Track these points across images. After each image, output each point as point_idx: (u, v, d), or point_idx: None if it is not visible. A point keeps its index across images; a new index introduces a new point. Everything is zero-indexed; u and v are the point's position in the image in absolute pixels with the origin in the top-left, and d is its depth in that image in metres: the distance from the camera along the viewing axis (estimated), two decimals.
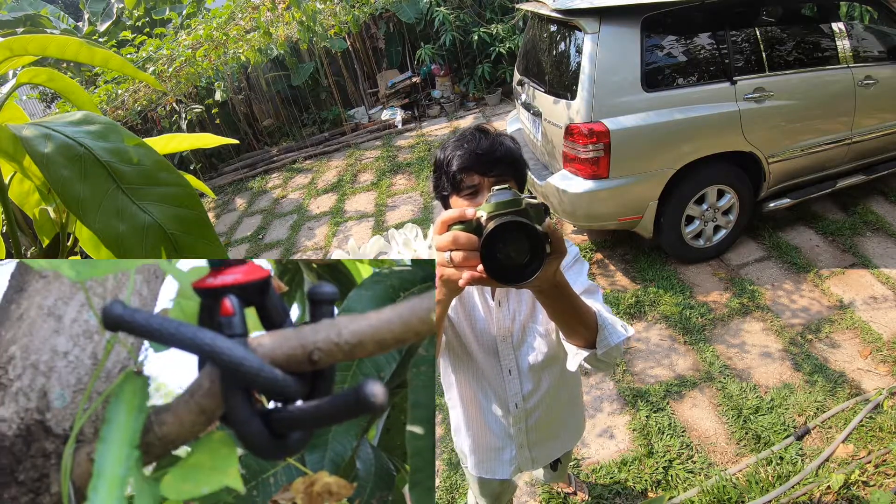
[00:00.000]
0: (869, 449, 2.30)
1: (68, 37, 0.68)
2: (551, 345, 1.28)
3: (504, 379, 1.34)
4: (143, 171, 0.54)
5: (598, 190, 3.17)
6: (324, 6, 7.20)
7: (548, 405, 1.40)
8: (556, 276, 0.85)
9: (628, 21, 3.06)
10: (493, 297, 1.27)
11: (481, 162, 1.08)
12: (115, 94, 7.38)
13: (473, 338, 1.30)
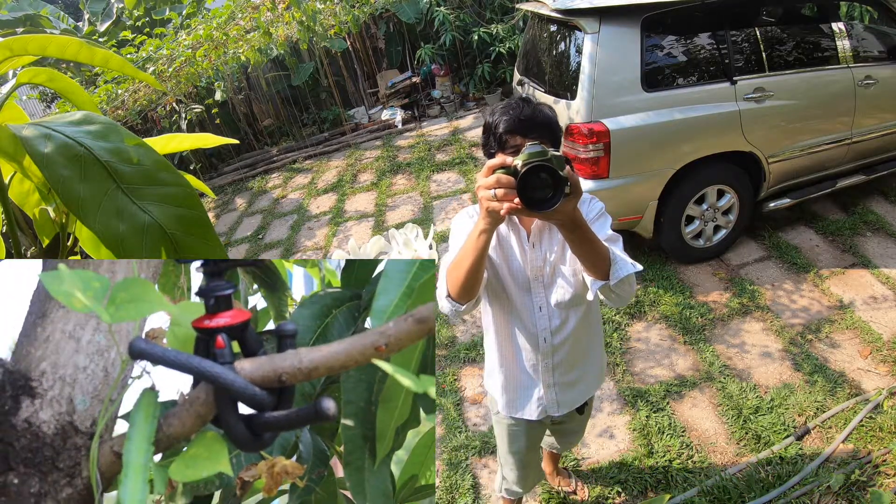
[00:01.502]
0: (869, 449, 2.30)
1: (68, 37, 0.68)
2: (577, 285, 1.46)
3: (535, 315, 1.51)
4: (143, 171, 0.54)
5: (598, 190, 3.17)
6: (324, 6, 7.20)
7: (572, 344, 1.57)
8: (574, 213, 1.10)
9: (628, 21, 3.06)
10: (528, 240, 1.45)
11: (523, 126, 1.29)
12: (115, 94, 7.38)
13: (510, 277, 1.48)
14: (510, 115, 1.30)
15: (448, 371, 3.14)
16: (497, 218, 1.12)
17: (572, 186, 1.05)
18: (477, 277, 1.26)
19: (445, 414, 2.88)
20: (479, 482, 2.52)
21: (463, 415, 2.87)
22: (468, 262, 1.23)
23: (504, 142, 1.31)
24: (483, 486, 2.50)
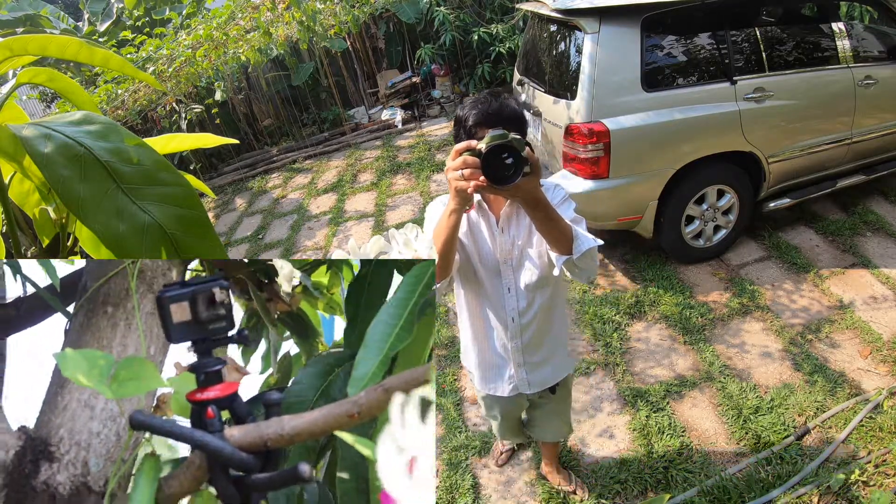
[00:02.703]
0: (869, 449, 2.30)
1: (68, 37, 0.68)
2: (543, 267, 1.56)
3: (504, 296, 1.62)
4: (143, 171, 0.54)
5: (598, 190, 3.17)
6: (324, 6, 7.20)
7: (538, 325, 1.68)
8: (536, 191, 1.23)
9: (628, 21, 3.06)
10: (497, 225, 1.54)
11: (491, 119, 1.39)
12: (115, 94, 7.38)
13: (480, 260, 1.58)
14: (479, 109, 1.41)
15: (448, 371, 3.14)
16: (465, 197, 1.25)
17: (532, 166, 1.18)
18: (450, 256, 1.39)
19: (445, 414, 2.88)
20: (479, 482, 2.52)
21: (463, 415, 2.87)
22: (441, 240, 1.34)
23: (473, 133, 1.41)
24: (483, 486, 2.50)
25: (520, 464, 2.56)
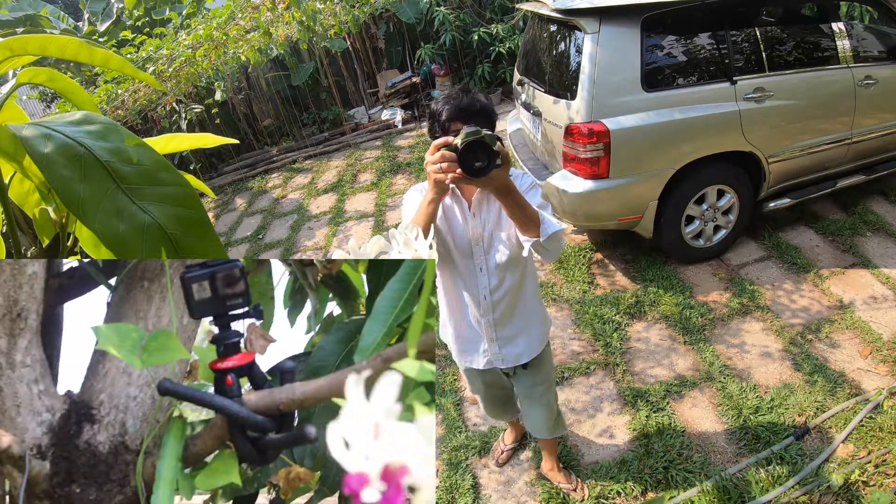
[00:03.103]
0: (869, 449, 2.30)
1: (68, 37, 0.68)
2: (512, 248, 1.67)
3: (476, 275, 1.74)
4: (143, 171, 0.54)
5: (598, 190, 3.17)
6: (324, 6, 7.20)
7: (508, 302, 1.79)
8: (506, 180, 1.38)
9: (628, 21, 3.06)
10: (469, 210, 1.67)
11: (463, 114, 1.52)
12: (115, 94, 7.38)
13: (453, 242, 1.70)
14: (452, 105, 1.54)
15: (448, 371, 3.14)
16: (443, 187, 1.42)
17: (502, 158, 1.33)
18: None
19: (445, 414, 2.88)
20: (479, 482, 2.52)
21: (463, 415, 2.88)
22: (421, 225, 1.45)
23: (447, 127, 1.53)
24: (483, 486, 2.50)
25: (520, 464, 2.56)
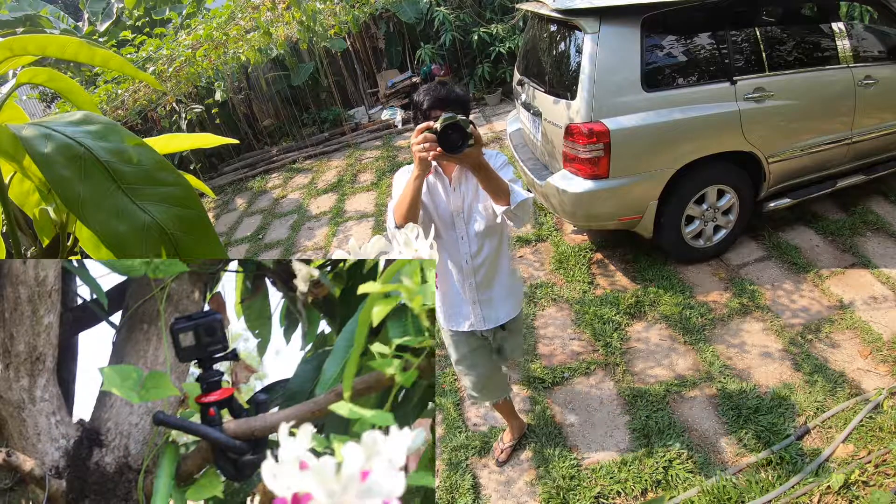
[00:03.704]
0: (869, 449, 2.30)
1: (68, 37, 0.68)
2: (488, 218, 1.91)
3: (458, 243, 1.99)
4: (143, 171, 0.54)
5: (598, 190, 3.17)
6: (324, 6, 7.20)
7: (487, 267, 2.04)
8: (480, 157, 1.65)
9: (628, 21, 3.06)
10: (450, 185, 1.92)
11: (441, 103, 1.77)
12: (115, 94, 7.38)
13: (437, 214, 1.96)
14: (432, 95, 1.79)
15: (448, 371, 3.14)
16: (426, 164, 1.68)
17: (475, 139, 1.61)
18: (415, 211, 1.76)
19: (445, 414, 2.88)
20: (479, 482, 2.52)
21: (463, 415, 2.88)
22: (408, 199, 1.73)
23: (428, 115, 1.76)
24: (483, 486, 2.50)
25: (520, 464, 2.56)
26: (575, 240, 4.07)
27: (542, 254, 4.03)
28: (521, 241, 4.20)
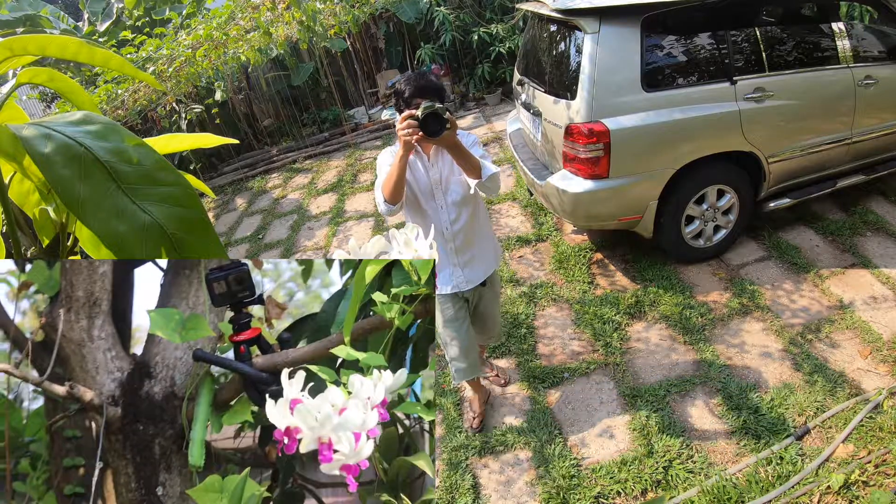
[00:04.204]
0: (869, 449, 2.30)
1: (68, 37, 0.68)
2: (463, 189, 2.20)
3: (438, 212, 2.25)
4: (143, 171, 0.54)
5: (598, 190, 3.17)
6: (324, 6, 7.20)
7: (465, 232, 2.29)
8: (454, 139, 1.95)
9: (628, 21, 3.06)
10: (429, 162, 2.20)
11: (421, 91, 2.05)
12: (115, 94, 7.38)
13: (418, 188, 2.23)
14: (413, 85, 2.07)
15: (448, 371, 3.14)
16: (410, 146, 1.95)
17: (451, 123, 1.90)
18: (400, 187, 2.02)
19: (445, 414, 2.88)
20: (479, 482, 2.52)
21: (463, 415, 2.88)
22: (395, 176, 1.99)
23: (410, 102, 2.05)
24: (483, 486, 2.50)
25: (520, 464, 2.56)
26: (575, 240, 4.07)
27: (542, 254, 4.03)
28: (521, 241, 4.20)
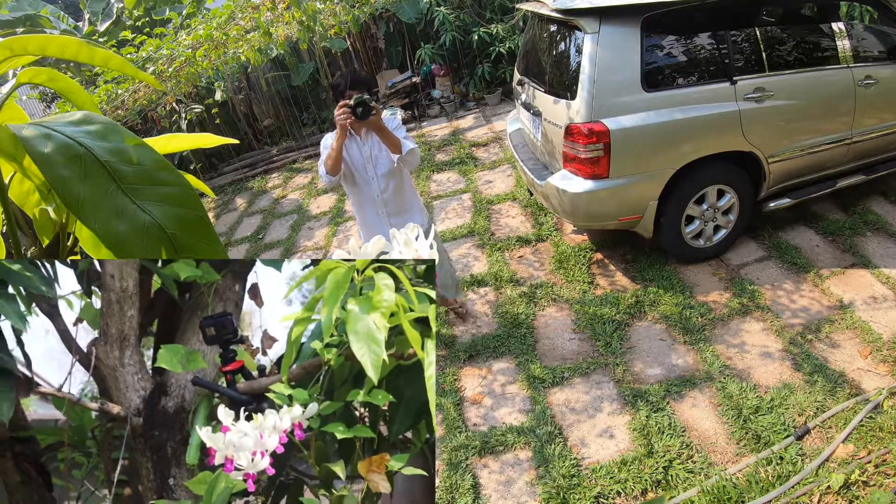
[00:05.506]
0: (869, 449, 2.30)
1: (68, 37, 0.68)
2: (388, 163, 2.74)
3: (370, 182, 2.79)
4: (143, 171, 0.54)
5: (598, 190, 3.17)
6: (324, 6, 7.20)
7: (395, 198, 2.83)
8: (379, 121, 2.54)
9: (628, 21, 3.06)
10: (361, 140, 2.74)
11: (353, 83, 2.61)
12: (115, 94, 7.38)
13: (354, 165, 2.77)
14: (347, 79, 2.63)
15: (448, 371, 3.14)
16: (345, 128, 2.55)
17: (376, 110, 2.48)
18: (338, 161, 2.63)
19: (445, 414, 2.88)
20: (479, 482, 2.52)
21: (463, 415, 2.88)
22: (334, 153, 2.61)
23: (343, 93, 2.61)
24: (483, 486, 2.50)
25: (520, 464, 2.56)
26: (575, 240, 4.07)
27: (542, 254, 4.03)
28: (521, 241, 4.20)
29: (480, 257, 4.15)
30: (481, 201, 4.93)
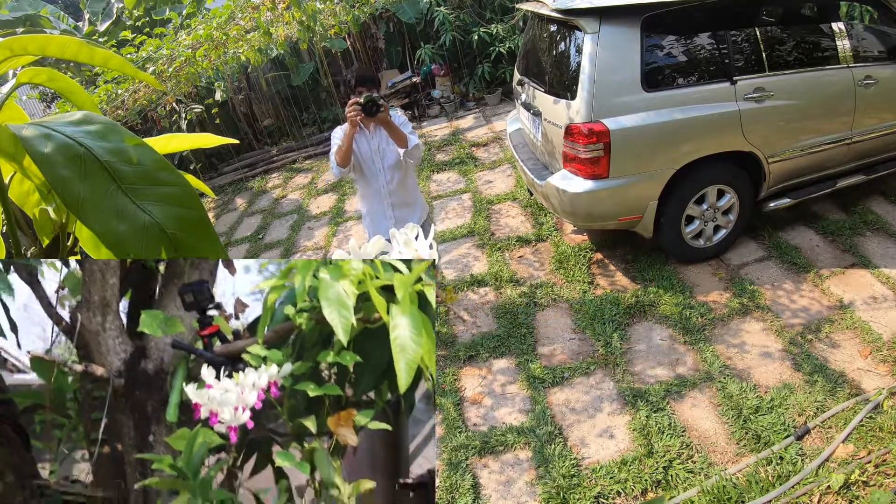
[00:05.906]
0: (869, 449, 2.30)
1: (68, 37, 0.68)
2: (395, 156, 2.91)
3: (378, 174, 2.96)
4: (143, 171, 0.54)
5: (598, 190, 3.17)
6: (324, 6, 7.19)
7: (399, 190, 3.01)
8: (387, 117, 2.73)
9: (628, 21, 3.06)
10: (370, 134, 2.92)
11: (361, 81, 2.85)
12: (115, 94, 7.38)
13: (362, 158, 2.94)
14: (357, 76, 2.91)
15: (448, 371, 3.14)
16: (355, 123, 2.71)
17: (383, 107, 2.67)
18: (349, 154, 2.79)
19: (445, 414, 2.88)
20: (479, 482, 2.52)
21: (463, 415, 2.88)
22: (345, 146, 2.77)
23: (354, 89, 2.84)
24: (483, 486, 2.50)
25: (520, 464, 2.56)
26: (575, 240, 4.07)
27: (542, 254, 4.03)
28: (521, 241, 4.20)
29: (480, 257, 4.15)
30: (481, 201, 4.93)
